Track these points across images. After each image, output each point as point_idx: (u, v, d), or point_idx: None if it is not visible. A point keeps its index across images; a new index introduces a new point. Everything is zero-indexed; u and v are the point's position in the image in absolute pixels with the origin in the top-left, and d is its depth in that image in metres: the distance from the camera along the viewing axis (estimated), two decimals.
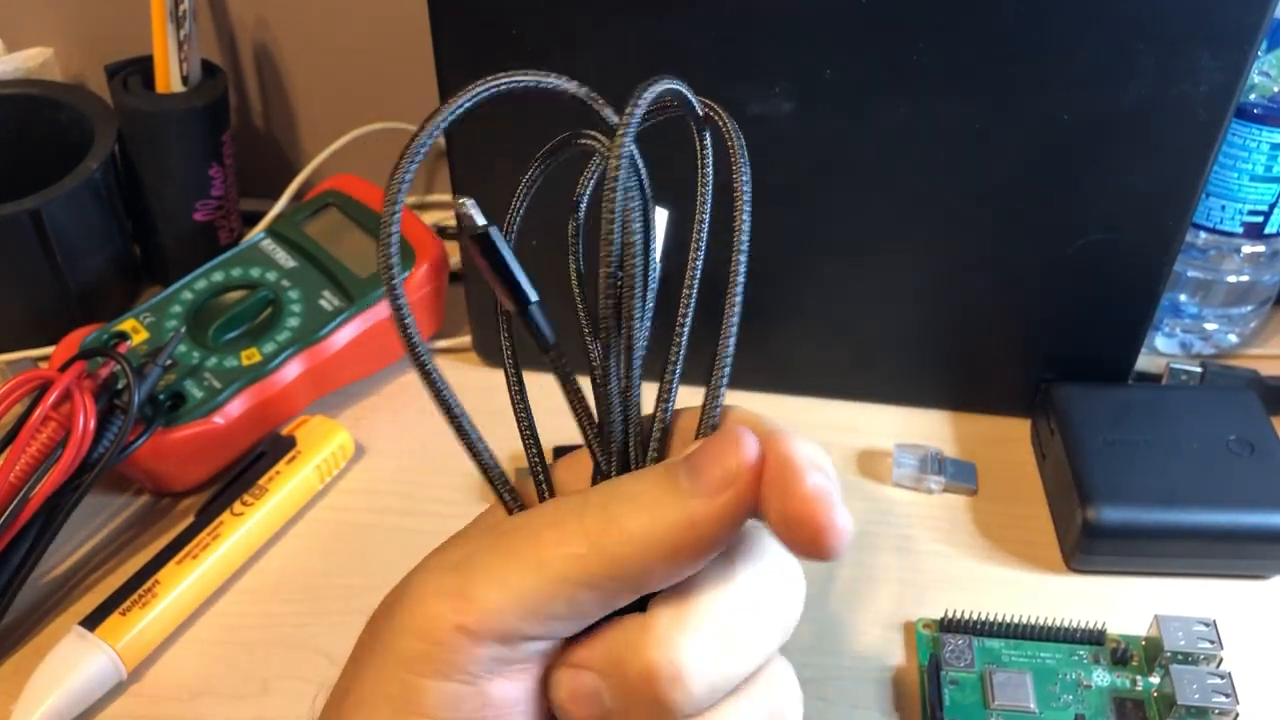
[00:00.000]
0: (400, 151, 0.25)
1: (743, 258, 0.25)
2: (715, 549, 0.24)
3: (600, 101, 0.26)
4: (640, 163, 0.25)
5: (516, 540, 0.24)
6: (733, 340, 0.26)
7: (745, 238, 0.25)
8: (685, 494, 0.23)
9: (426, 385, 0.26)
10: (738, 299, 0.25)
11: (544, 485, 0.28)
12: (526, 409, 0.28)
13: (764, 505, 0.23)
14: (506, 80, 0.25)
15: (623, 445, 0.26)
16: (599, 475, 0.27)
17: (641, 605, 0.24)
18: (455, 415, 0.27)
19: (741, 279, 0.25)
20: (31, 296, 0.55)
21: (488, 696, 0.24)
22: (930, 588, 0.46)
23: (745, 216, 0.25)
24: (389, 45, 0.61)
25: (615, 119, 0.25)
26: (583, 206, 0.28)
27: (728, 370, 0.26)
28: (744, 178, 0.25)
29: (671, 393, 0.26)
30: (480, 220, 0.25)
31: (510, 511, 0.27)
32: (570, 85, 0.25)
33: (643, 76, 0.27)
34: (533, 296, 0.26)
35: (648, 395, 0.26)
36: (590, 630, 0.24)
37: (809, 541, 0.23)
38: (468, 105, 0.25)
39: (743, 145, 0.26)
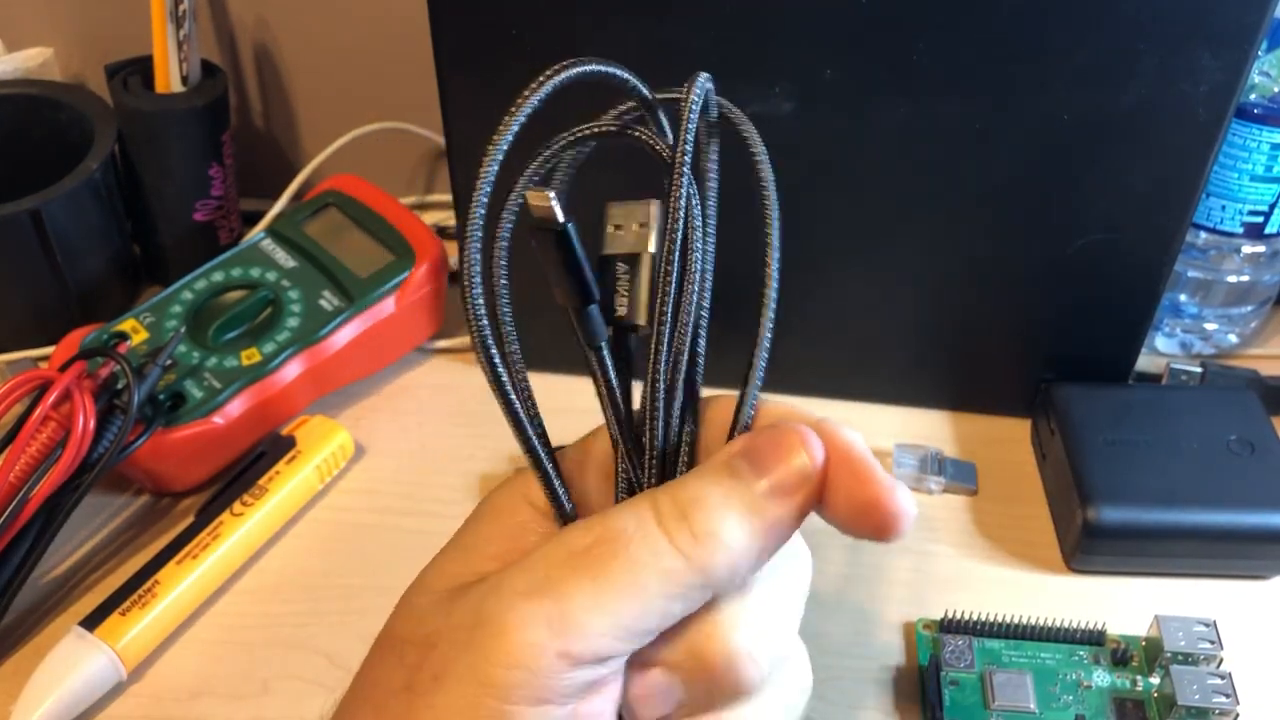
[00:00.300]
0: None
1: (776, 253, 0.26)
2: (785, 543, 0.25)
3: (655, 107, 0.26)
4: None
5: (606, 561, 0.24)
6: (769, 332, 0.26)
7: (776, 233, 0.26)
8: (763, 497, 0.24)
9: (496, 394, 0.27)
10: (774, 294, 0.26)
11: (560, 488, 0.28)
12: (534, 406, 0.28)
13: (829, 495, 0.25)
14: (583, 68, 0.26)
15: (663, 447, 0.27)
16: (633, 477, 0.27)
17: None
18: (523, 426, 0.27)
19: (776, 274, 0.26)
20: (31, 296, 0.55)
21: (579, 715, 0.24)
22: (930, 588, 0.46)
23: (773, 213, 0.26)
24: (389, 45, 0.61)
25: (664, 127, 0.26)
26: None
27: (764, 362, 0.26)
28: (767, 176, 0.26)
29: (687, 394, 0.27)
30: (561, 215, 0.25)
31: (564, 521, 0.27)
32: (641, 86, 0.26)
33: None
34: (596, 295, 0.26)
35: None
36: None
37: (881, 526, 0.25)
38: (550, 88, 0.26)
39: (761, 145, 0.26)
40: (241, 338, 0.51)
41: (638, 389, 0.27)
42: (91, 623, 0.42)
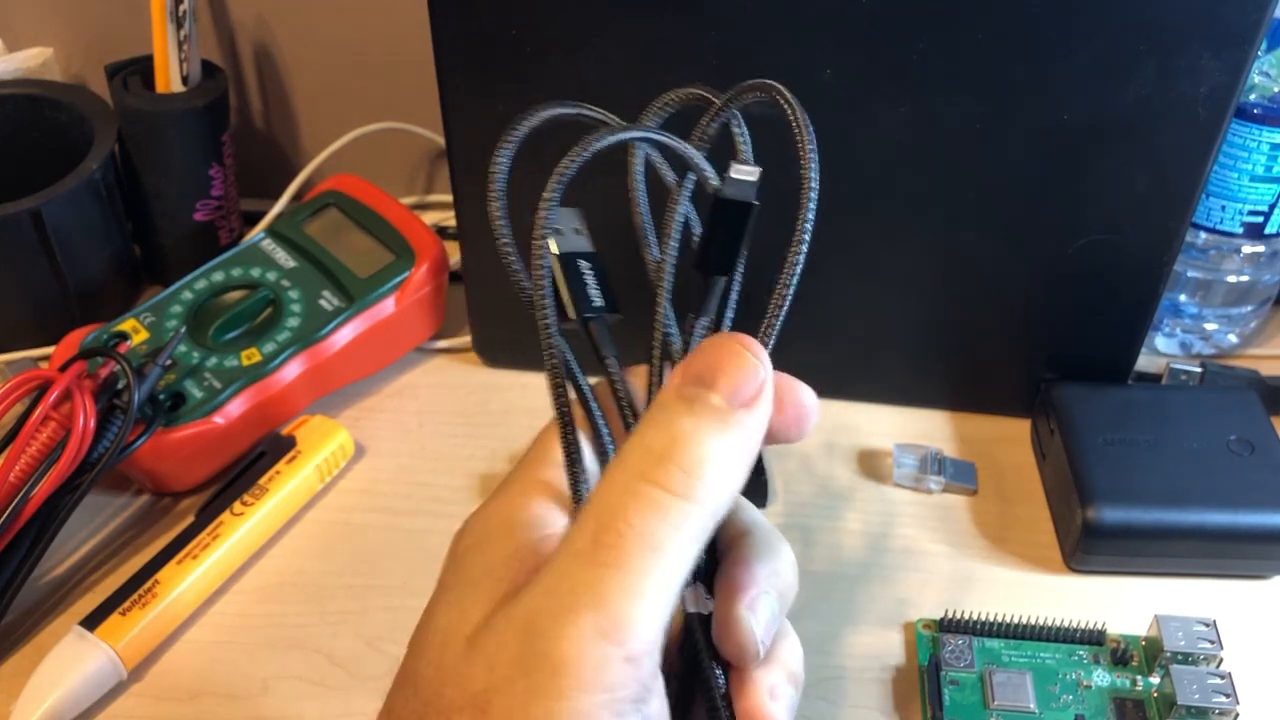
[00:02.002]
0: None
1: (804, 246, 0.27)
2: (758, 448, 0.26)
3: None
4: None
5: (618, 545, 0.22)
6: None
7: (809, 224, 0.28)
8: (735, 416, 0.24)
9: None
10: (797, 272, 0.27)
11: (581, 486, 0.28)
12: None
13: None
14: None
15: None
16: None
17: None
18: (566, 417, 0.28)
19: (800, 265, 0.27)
20: (31, 296, 0.55)
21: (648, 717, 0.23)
22: (930, 588, 0.46)
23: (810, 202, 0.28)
24: (389, 45, 0.61)
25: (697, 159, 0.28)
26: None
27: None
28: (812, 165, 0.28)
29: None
30: (756, 194, 0.26)
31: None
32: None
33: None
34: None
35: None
36: None
37: (800, 428, 0.28)
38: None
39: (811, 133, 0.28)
40: (242, 338, 0.51)
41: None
42: (92, 622, 0.42)
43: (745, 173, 0.26)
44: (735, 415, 0.24)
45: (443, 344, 0.57)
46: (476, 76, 0.46)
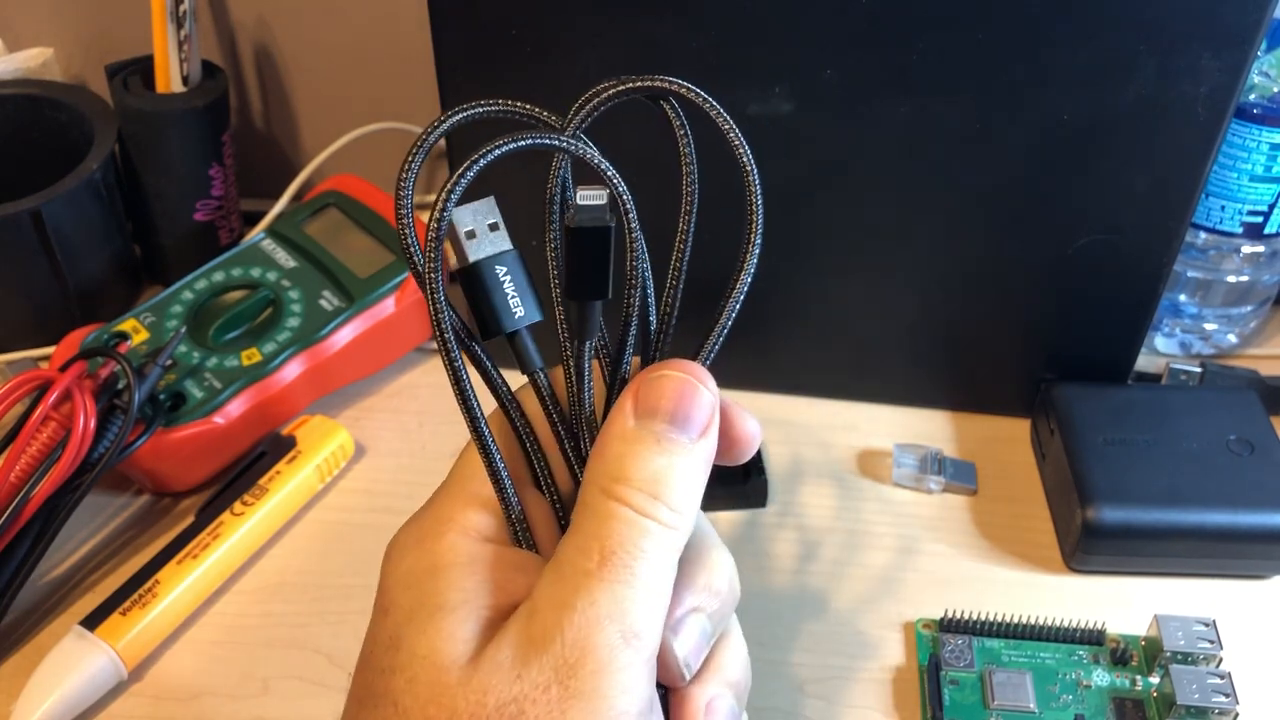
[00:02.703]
0: (405, 151, 0.26)
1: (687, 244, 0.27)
2: None
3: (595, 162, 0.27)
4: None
5: (626, 565, 0.25)
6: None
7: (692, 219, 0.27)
8: (697, 447, 0.27)
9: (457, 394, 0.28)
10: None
11: (556, 495, 0.29)
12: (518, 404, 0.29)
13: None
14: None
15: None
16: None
17: None
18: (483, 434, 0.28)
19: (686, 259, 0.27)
20: (31, 296, 0.55)
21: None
22: (930, 588, 0.46)
23: (692, 194, 0.27)
24: (389, 45, 0.61)
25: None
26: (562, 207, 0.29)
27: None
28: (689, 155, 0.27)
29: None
30: (609, 214, 0.26)
31: (513, 525, 0.28)
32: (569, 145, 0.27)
33: (642, 76, 0.27)
34: (609, 292, 0.27)
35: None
36: None
37: (744, 453, 0.29)
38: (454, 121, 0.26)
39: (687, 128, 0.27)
40: (242, 338, 0.51)
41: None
42: (92, 622, 0.42)
43: (592, 197, 0.26)
44: (697, 446, 0.27)
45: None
46: (476, 76, 0.46)
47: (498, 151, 0.25)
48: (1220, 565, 0.46)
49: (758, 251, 0.27)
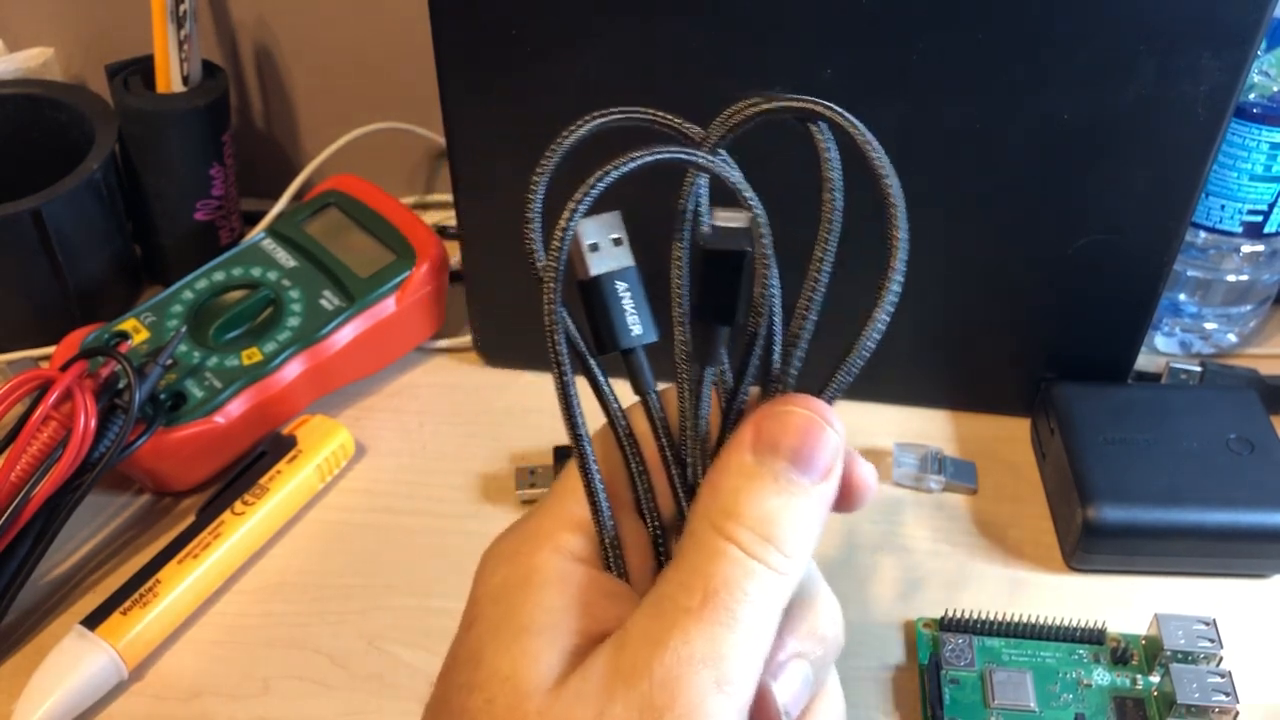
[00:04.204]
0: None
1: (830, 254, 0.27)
2: None
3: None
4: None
5: (728, 608, 0.24)
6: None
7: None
8: (817, 490, 0.25)
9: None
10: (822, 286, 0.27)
11: (653, 514, 0.28)
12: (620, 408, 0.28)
13: None
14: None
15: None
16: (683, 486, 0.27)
17: None
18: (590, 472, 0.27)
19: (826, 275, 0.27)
20: (32, 296, 0.55)
21: None
22: (930, 587, 0.46)
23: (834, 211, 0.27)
24: (389, 45, 0.61)
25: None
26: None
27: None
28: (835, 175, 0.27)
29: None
30: (750, 240, 0.25)
31: (612, 568, 0.27)
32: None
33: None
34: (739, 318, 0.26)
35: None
36: None
37: (861, 502, 0.27)
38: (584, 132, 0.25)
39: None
40: (242, 337, 0.51)
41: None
42: (93, 622, 0.42)
43: (731, 219, 0.25)
44: (817, 489, 0.25)
45: (443, 344, 0.57)
46: (476, 76, 0.46)
47: (635, 163, 0.24)
48: (1220, 564, 0.46)
49: (898, 286, 0.26)
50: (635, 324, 0.26)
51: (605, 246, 0.26)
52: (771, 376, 0.27)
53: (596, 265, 0.25)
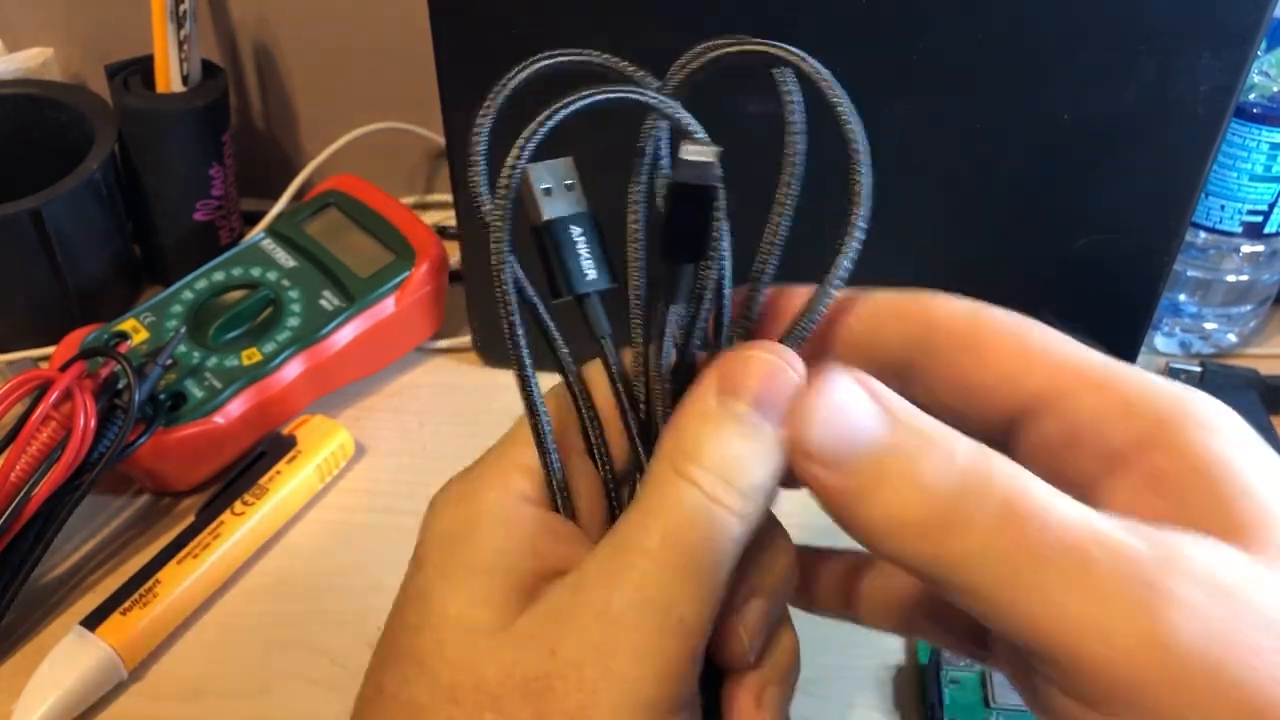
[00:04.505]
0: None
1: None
2: None
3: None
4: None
5: (686, 551, 0.23)
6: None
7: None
8: (771, 430, 0.24)
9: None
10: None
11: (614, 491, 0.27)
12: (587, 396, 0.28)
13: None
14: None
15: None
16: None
17: None
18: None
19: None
20: (31, 296, 0.55)
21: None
22: None
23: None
24: (389, 45, 0.61)
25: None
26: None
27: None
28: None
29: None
30: (720, 172, 0.24)
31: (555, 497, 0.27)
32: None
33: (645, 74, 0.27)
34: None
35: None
36: None
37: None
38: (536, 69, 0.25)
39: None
40: (242, 337, 0.51)
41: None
42: (92, 622, 0.42)
43: (699, 153, 0.24)
44: (779, 433, 0.24)
45: (443, 344, 0.57)
46: (476, 76, 0.46)
47: (584, 102, 0.24)
48: None
49: (860, 233, 0.26)
50: (590, 269, 0.26)
51: (558, 191, 0.25)
52: (724, 323, 0.26)
53: (549, 209, 0.25)
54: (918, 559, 0.22)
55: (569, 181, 0.26)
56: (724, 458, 0.24)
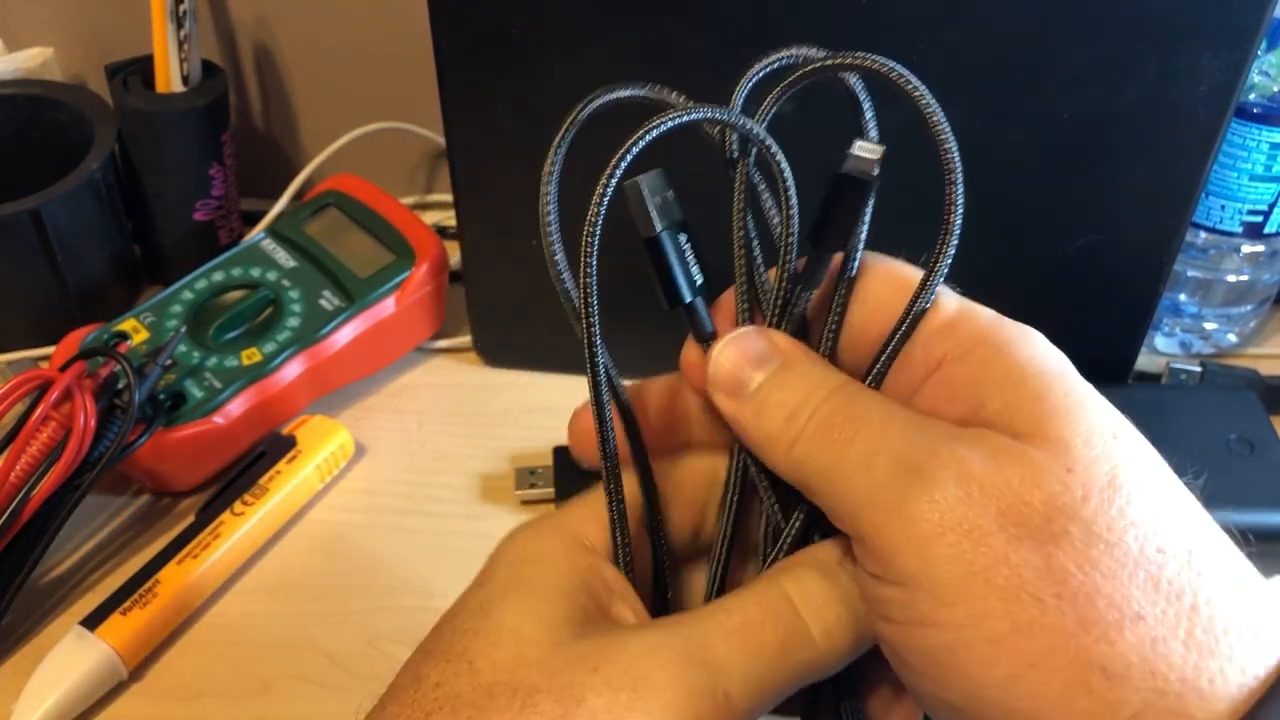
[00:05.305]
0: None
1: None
2: None
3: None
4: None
5: (761, 641, 0.25)
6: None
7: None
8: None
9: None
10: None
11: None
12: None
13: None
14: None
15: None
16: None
17: None
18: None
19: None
20: (31, 296, 0.55)
21: None
22: None
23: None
24: (389, 45, 0.61)
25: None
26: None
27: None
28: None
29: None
30: (878, 170, 0.26)
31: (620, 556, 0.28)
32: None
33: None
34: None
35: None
36: None
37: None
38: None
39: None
40: (242, 337, 0.51)
41: None
42: (92, 622, 0.42)
43: (869, 150, 0.27)
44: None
45: (443, 344, 0.57)
46: (476, 76, 0.46)
47: (669, 124, 0.25)
48: None
49: (956, 240, 0.28)
50: (697, 274, 0.27)
51: (662, 200, 0.26)
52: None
53: (660, 220, 0.26)
54: (783, 468, 0.25)
55: (668, 192, 0.27)
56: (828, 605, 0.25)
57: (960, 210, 0.27)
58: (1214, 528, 0.25)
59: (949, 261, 0.27)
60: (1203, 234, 0.53)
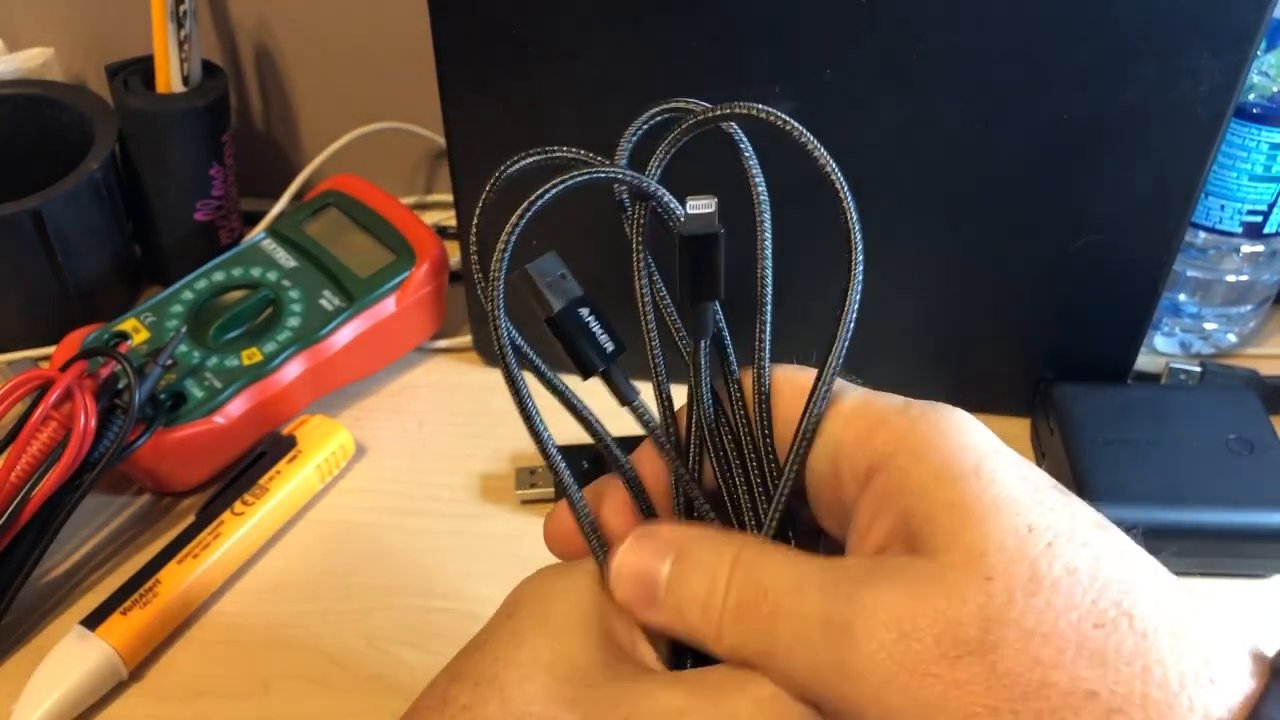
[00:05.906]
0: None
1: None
2: None
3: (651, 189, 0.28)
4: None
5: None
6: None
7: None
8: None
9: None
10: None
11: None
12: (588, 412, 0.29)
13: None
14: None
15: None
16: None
17: None
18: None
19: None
20: (31, 296, 0.55)
21: None
22: None
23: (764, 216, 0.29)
24: (389, 45, 0.61)
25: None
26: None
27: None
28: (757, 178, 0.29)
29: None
30: (717, 221, 0.27)
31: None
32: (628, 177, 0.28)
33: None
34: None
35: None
36: None
37: None
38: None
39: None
40: (242, 337, 0.51)
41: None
42: (93, 622, 0.42)
43: (703, 205, 0.27)
44: None
45: (443, 344, 0.57)
46: (476, 76, 0.46)
47: (555, 190, 0.26)
48: (1219, 564, 0.46)
49: (860, 281, 0.29)
50: (607, 342, 0.28)
51: (555, 282, 0.28)
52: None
53: (557, 301, 0.27)
54: (724, 655, 0.25)
55: (562, 272, 0.28)
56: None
57: (859, 290, 0.30)
58: (1147, 569, 0.25)
59: (839, 364, 0.29)
60: (1202, 234, 0.53)
